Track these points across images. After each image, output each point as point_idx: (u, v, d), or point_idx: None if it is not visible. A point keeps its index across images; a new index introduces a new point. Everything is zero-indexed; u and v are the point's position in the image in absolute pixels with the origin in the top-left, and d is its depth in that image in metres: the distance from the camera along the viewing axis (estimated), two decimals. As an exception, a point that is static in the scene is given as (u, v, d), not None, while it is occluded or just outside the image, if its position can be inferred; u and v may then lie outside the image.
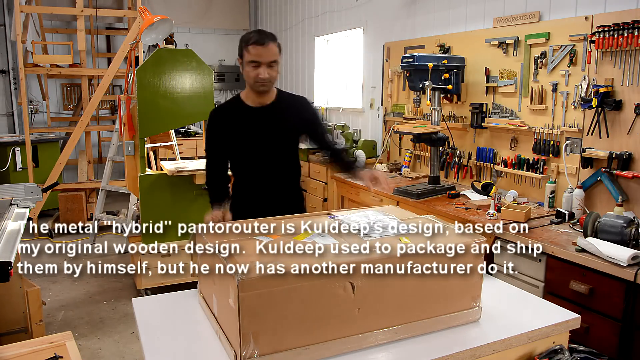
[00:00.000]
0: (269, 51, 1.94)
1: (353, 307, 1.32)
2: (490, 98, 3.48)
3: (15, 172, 5.53)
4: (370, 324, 1.34)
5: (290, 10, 6.71)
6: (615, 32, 2.57)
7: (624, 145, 2.65)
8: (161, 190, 3.60)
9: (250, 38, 1.96)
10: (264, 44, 1.93)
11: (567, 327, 1.53)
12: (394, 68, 4.45)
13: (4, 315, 2.55)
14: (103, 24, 6.95)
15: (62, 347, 1.71)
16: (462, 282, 1.45)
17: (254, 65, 1.95)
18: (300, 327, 1.27)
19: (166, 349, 1.41)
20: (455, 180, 3.81)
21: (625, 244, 2.20)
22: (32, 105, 6.64)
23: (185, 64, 3.54)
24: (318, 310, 1.28)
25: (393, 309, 1.37)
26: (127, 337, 3.25)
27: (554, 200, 2.97)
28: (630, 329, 2.06)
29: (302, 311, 1.27)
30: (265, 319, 1.24)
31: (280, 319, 1.25)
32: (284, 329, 1.26)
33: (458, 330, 1.46)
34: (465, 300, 1.48)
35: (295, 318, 1.26)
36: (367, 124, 5.05)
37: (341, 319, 1.30)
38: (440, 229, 1.56)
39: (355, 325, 1.32)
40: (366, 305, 1.33)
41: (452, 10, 3.86)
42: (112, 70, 5.37)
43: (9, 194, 2.89)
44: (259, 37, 1.94)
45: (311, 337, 1.28)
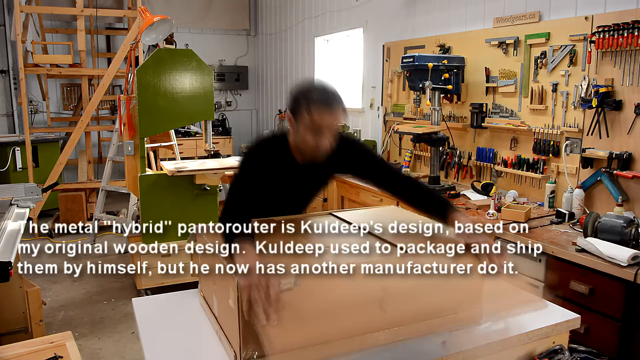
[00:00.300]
0: (336, 118, 1.59)
1: (353, 308, 1.31)
2: (490, 98, 3.48)
3: (15, 172, 5.53)
4: (370, 325, 1.34)
5: (290, 10, 6.71)
6: (615, 32, 2.57)
7: (624, 145, 2.65)
8: (161, 190, 3.60)
9: (315, 98, 1.56)
10: (333, 110, 1.57)
11: (567, 327, 1.53)
12: (394, 68, 4.44)
13: (4, 315, 2.55)
14: (103, 24, 6.94)
15: (62, 347, 1.71)
16: (463, 283, 1.45)
17: (316, 132, 1.58)
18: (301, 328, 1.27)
19: (166, 349, 1.41)
20: (455, 180, 3.81)
21: (625, 244, 2.20)
22: (32, 105, 6.64)
23: (185, 64, 3.54)
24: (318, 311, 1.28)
25: (393, 310, 1.37)
26: (127, 337, 3.25)
27: (554, 200, 2.97)
28: (630, 329, 2.06)
29: (302, 312, 1.27)
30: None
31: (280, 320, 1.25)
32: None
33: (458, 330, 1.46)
34: (466, 301, 1.47)
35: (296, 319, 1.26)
36: (367, 124, 5.05)
37: (341, 319, 1.30)
38: (439, 228, 1.56)
39: (355, 326, 1.32)
40: (366, 305, 1.33)
41: (452, 10, 3.86)
42: (112, 70, 5.37)
43: (9, 194, 2.90)
44: (328, 100, 1.57)
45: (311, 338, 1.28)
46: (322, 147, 1.60)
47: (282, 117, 7.10)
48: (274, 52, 7.36)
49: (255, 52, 8.05)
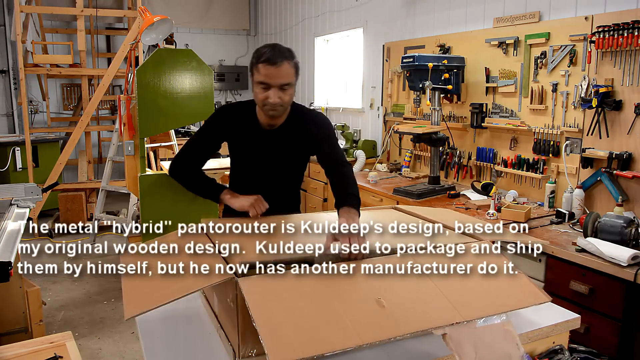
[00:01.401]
0: (281, 72, 1.68)
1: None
2: (490, 98, 3.48)
3: (15, 172, 5.53)
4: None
5: (290, 10, 6.71)
6: (615, 32, 2.57)
7: (624, 145, 2.65)
8: (161, 190, 3.59)
9: (262, 54, 1.69)
10: (276, 64, 1.66)
11: (567, 327, 1.53)
12: (394, 68, 4.45)
13: (4, 315, 2.55)
14: (103, 24, 6.95)
15: (62, 347, 1.71)
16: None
17: (264, 87, 1.70)
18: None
19: (166, 349, 1.41)
20: (455, 180, 3.81)
21: (625, 244, 2.20)
22: (32, 105, 6.64)
23: (185, 64, 3.53)
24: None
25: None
26: (127, 337, 3.25)
27: (554, 200, 2.97)
28: (630, 329, 2.06)
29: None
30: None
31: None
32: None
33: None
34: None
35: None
36: (367, 124, 5.05)
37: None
38: (439, 228, 1.56)
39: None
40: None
41: (452, 11, 3.86)
42: (112, 70, 5.37)
43: (9, 194, 2.89)
44: (272, 55, 1.67)
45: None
46: (270, 101, 1.71)
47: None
48: (274, 52, 7.35)
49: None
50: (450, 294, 1.29)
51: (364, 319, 1.20)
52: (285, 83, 1.71)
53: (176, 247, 1.44)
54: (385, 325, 1.19)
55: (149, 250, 1.47)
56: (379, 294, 1.28)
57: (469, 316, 1.23)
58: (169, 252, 1.43)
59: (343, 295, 1.27)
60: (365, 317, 1.21)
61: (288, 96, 1.74)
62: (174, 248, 1.44)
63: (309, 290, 1.24)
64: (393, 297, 1.28)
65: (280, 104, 1.73)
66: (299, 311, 1.18)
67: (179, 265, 1.34)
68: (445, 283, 1.32)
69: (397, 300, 1.27)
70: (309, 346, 1.09)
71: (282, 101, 1.73)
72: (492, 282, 1.37)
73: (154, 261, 1.38)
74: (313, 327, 1.16)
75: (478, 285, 1.35)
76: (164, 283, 1.30)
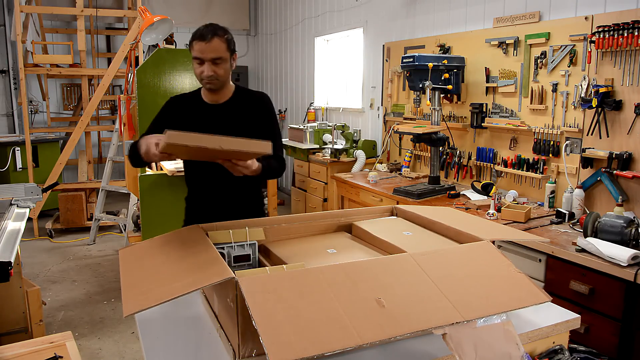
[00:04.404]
0: (212, 47, 1.83)
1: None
2: (490, 98, 3.48)
3: (15, 172, 5.53)
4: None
5: (290, 10, 6.71)
6: (615, 32, 2.57)
7: (624, 145, 2.65)
8: (161, 190, 3.60)
9: (196, 32, 1.86)
10: (207, 40, 1.82)
11: (567, 327, 1.53)
12: (394, 68, 4.45)
13: (4, 315, 2.56)
14: (103, 24, 6.95)
15: (62, 347, 1.71)
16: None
17: (198, 62, 1.87)
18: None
19: (166, 349, 1.41)
20: (455, 180, 3.81)
21: (625, 244, 2.20)
22: (32, 105, 6.65)
23: (185, 64, 3.54)
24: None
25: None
26: (127, 337, 3.25)
27: (554, 200, 2.97)
28: (630, 329, 2.06)
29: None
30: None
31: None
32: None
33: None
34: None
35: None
36: (367, 124, 5.06)
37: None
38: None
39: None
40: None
41: (452, 11, 3.86)
42: (112, 70, 5.37)
43: (9, 194, 2.90)
44: (203, 32, 1.84)
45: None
46: (204, 75, 1.86)
47: (282, 117, 7.10)
48: (274, 52, 7.37)
49: (255, 52, 8.06)
50: (450, 293, 1.29)
51: (364, 319, 1.20)
52: (216, 57, 1.85)
53: (176, 245, 1.44)
54: (385, 325, 1.19)
55: (148, 247, 1.47)
56: (379, 294, 1.27)
57: (469, 316, 1.23)
58: (169, 250, 1.43)
59: (343, 295, 1.26)
60: (365, 316, 1.21)
61: (222, 70, 1.89)
62: (173, 247, 1.44)
63: (309, 290, 1.24)
64: (393, 297, 1.27)
65: (215, 77, 1.88)
66: (299, 311, 1.18)
67: (178, 263, 1.34)
68: (445, 283, 1.32)
69: (397, 300, 1.27)
70: (309, 346, 1.09)
71: (217, 74, 1.88)
72: (492, 281, 1.36)
73: (154, 259, 1.38)
74: (313, 326, 1.15)
75: (478, 285, 1.34)
76: (163, 281, 1.30)
